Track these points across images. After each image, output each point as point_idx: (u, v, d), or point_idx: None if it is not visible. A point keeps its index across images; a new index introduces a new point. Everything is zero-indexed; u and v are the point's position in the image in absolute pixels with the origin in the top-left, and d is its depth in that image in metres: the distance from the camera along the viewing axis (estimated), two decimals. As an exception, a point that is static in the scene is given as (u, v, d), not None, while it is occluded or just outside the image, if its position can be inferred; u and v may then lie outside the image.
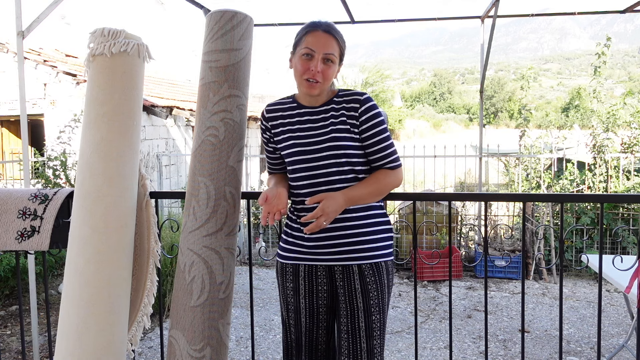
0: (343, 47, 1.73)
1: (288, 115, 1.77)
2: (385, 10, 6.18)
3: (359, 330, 1.69)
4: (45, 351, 3.51)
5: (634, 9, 4.94)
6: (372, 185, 1.69)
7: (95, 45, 1.85)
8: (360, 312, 1.68)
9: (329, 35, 1.67)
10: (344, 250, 1.69)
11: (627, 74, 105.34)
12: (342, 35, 1.72)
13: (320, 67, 1.65)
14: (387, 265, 1.73)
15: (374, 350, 1.69)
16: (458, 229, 6.18)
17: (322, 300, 1.74)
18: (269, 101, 1.90)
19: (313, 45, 1.66)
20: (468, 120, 50.55)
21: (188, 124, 8.46)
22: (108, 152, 1.81)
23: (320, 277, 1.73)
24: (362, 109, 1.69)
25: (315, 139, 1.70)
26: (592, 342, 3.70)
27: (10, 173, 7.52)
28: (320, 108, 1.74)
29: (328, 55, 1.66)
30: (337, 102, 1.73)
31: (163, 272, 3.82)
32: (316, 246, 1.71)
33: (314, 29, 1.68)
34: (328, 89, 1.76)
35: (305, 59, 1.67)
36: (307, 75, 1.66)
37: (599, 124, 6.21)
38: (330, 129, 1.70)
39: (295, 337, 1.77)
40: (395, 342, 3.73)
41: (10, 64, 7.24)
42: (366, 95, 1.72)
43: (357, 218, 1.70)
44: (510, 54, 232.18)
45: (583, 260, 3.47)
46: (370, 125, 1.69)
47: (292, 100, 1.80)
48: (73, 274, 1.79)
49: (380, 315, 1.71)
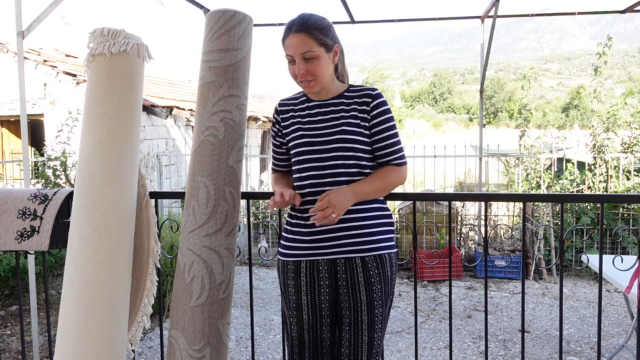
0: (323, 35, 1.68)
1: (299, 109, 1.79)
2: (385, 10, 6.18)
3: (361, 323, 1.69)
4: (45, 351, 3.51)
5: (634, 9, 4.94)
6: (379, 181, 1.71)
7: (95, 45, 1.85)
8: (364, 305, 1.68)
9: (300, 34, 1.66)
10: (347, 242, 1.69)
11: (627, 74, 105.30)
12: (318, 24, 1.67)
13: (303, 68, 1.67)
14: (390, 257, 1.73)
15: (374, 343, 1.69)
16: (458, 229, 6.18)
17: (324, 295, 1.73)
18: (269, 101, 1.91)
19: (289, 50, 1.68)
20: (468, 120, 50.58)
21: (188, 124, 8.45)
22: (108, 152, 1.81)
23: (322, 272, 1.72)
24: (373, 104, 1.71)
25: (324, 130, 1.72)
26: (592, 342, 3.70)
27: (10, 173, 7.52)
28: (330, 101, 1.76)
29: (305, 54, 1.66)
30: (348, 97, 1.75)
31: (163, 272, 3.82)
32: (318, 240, 1.70)
33: (286, 35, 1.69)
34: (335, 83, 1.77)
35: (291, 65, 1.71)
36: (297, 79, 1.71)
37: (599, 124, 6.21)
38: (341, 122, 1.71)
39: (297, 335, 1.76)
40: (395, 342, 3.73)
41: (10, 64, 7.24)
42: (378, 91, 1.74)
43: (359, 211, 1.70)
44: (510, 54, 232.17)
45: (583, 260, 3.47)
46: (380, 120, 1.71)
47: (303, 94, 1.82)
48: (73, 274, 1.79)
49: (382, 309, 1.71)
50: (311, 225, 1.70)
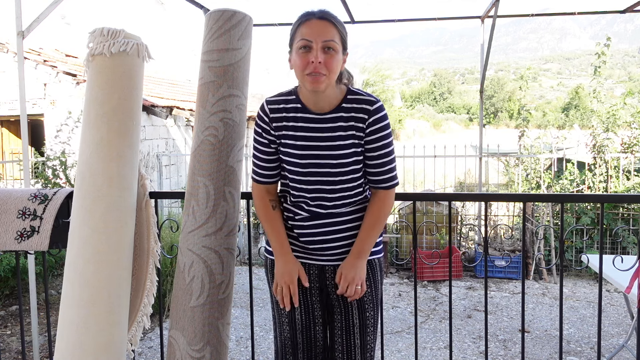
0: (344, 33, 1.55)
1: (292, 118, 1.62)
2: (385, 10, 6.19)
3: (352, 327, 1.69)
4: (45, 351, 3.51)
5: (634, 9, 4.94)
6: (375, 228, 1.65)
7: (95, 45, 1.85)
8: (355, 309, 1.69)
9: (325, 21, 1.50)
10: (338, 252, 1.69)
11: (627, 74, 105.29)
12: (340, 20, 1.55)
13: (321, 58, 1.47)
14: (379, 262, 1.75)
15: (367, 346, 1.69)
16: (458, 229, 6.18)
17: (315, 297, 1.73)
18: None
19: (309, 35, 1.48)
20: (468, 120, 50.57)
21: (188, 124, 8.46)
22: (108, 152, 1.81)
23: (313, 275, 1.73)
24: (370, 120, 1.57)
25: (320, 144, 1.60)
26: (592, 342, 3.70)
27: (10, 173, 7.52)
28: (328, 115, 1.59)
29: (327, 42, 1.48)
30: (346, 110, 1.58)
31: (163, 272, 3.82)
32: (309, 248, 1.70)
33: (307, 19, 1.51)
34: (335, 87, 1.58)
35: (304, 52, 1.49)
36: (308, 69, 1.48)
37: (599, 124, 6.21)
38: (338, 136, 1.59)
39: (290, 335, 1.74)
40: (395, 342, 3.73)
41: (10, 64, 7.24)
42: (378, 104, 1.59)
43: (349, 221, 1.69)
44: (510, 54, 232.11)
45: (583, 260, 3.47)
46: (375, 137, 1.59)
47: (296, 99, 1.62)
48: (73, 274, 1.79)
49: (373, 312, 1.71)
50: (303, 235, 1.69)
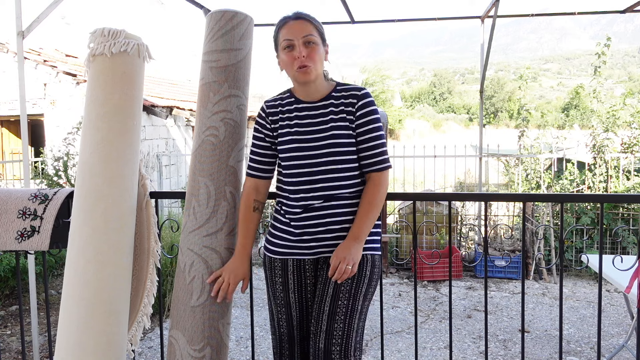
0: (320, 28, 1.74)
1: (287, 111, 1.76)
2: (385, 10, 6.19)
3: (322, 313, 1.67)
4: (45, 351, 3.51)
5: (634, 9, 4.94)
6: (371, 212, 1.68)
7: (95, 45, 1.85)
8: (328, 296, 1.67)
9: (301, 20, 1.69)
10: (331, 244, 1.71)
11: (627, 74, 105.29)
12: (315, 17, 1.73)
13: (304, 52, 1.66)
14: (373, 258, 1.73)
15: (333, 333, 1.64)
16: (458, 229, 6.18)
17: (311, 293, 1.76)
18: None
19: (289, 34, 1.67)
20: (468, 120, 50.53)
21: (188, 124, 8.46)
22: (108, 152, 1.81)
23: (308, 271, 1.75)
24: (359, 104, 1.70)
25: (314, 135, 1.71)
26: (592, 342, 3.70)
27: (11, 173, 7.52)
28: (319, 103, 1.74)
29: (307, 37, 1.67)
30: (336, 97, 1.73)
31: (163, 272, 3.82)
32: (304, 240, 1.72)
33: (285, 22, 1.70)
34: (324, 81, 1.75)
35: (289, 51, 1.68)
36: (296, 64, 1.67)
37: (599, 124, 6.20)
38: (331, 125, 1.70)
39: (286, 331, 1.77)
40: (395, 342, 3.73)
41: (10, 64, 7.25)
42: (365, 90, 1.73)
43: (345, 214, 1.71)
44: (510, 54, 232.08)
45: (583, 260, 3.47)
46: (365, 121, 1.71)
47: (290, 95, 1.79)
48: (73, 274, 1.79)
49: (347, 302, 1.66)
50: (298, 227, 1.71)
